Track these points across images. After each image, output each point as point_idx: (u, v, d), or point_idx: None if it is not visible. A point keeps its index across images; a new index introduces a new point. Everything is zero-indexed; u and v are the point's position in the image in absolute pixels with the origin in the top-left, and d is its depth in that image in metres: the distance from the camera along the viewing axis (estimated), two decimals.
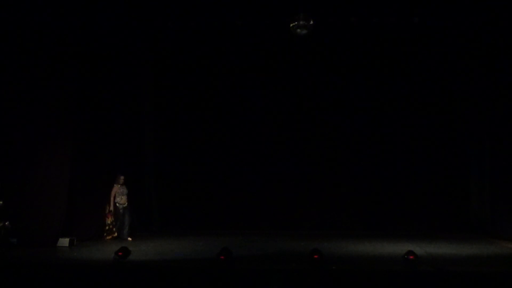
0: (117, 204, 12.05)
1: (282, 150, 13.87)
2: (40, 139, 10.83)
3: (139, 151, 13.51)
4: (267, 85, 13.90)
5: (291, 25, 11.46)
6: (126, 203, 12.13)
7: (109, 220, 12.13)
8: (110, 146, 12.48)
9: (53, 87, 10.97)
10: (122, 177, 12.13)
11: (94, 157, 11.93)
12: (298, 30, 11.48)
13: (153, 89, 14.10)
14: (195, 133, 14.05)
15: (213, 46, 13.73)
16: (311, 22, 11.21)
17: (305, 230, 13.16)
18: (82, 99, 11.54)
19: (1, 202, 10.04)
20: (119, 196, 12.07)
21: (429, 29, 13.03)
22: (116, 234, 12.12)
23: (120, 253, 8.73)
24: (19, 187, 10.55)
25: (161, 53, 14.01)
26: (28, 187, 10.61)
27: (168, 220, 13.66)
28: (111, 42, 12.30)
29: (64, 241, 10.68)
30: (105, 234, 12.02)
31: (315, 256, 8.53)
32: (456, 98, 13.49)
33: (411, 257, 8.49)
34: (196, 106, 14.07)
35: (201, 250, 10.46)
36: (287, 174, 13.77)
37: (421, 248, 10.17)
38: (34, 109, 10.82)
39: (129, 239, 11.82)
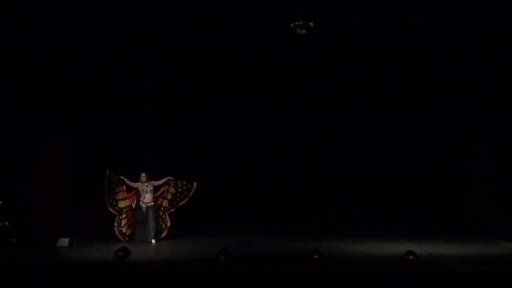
0: (140, 203, 11.75)
1: (282, 150, 13.89)
2: (40, 139, 10.82)
3: (138, 151, 13.50)
4: (266, 85, 13.91)
5: (291, 25, 11.49)
6: (151, 202, 11.77)
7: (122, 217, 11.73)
8: (110, 146, 12.48)
9: (52, 87, 10.96)
10: (142, 174, 11.81)
11: (94, 157, 11.92)
12: (298, 30, 11.50)
13: (153, 89, 14.11)
14: (195, 133, 14.07)
15: (213, 46, 13.75)
16: (311, 22, 11.22)
17: (305, 230, 13.16)
18: (82, 99, 11.53)
19: (1, 202, 10.03)
20: (143, 194, 11.73)
21: (430, 29, 13.04)
22: (124, 237, 11.61)
23: (120, 253, 8.73)
24: (19, 187, 10.54)
25: (162, 52, 14.00)
26: (28, 187, 10.60)
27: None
28: (111, 41, 12.28)
29: (64, 241, 10.67)
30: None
31: (315, 256, 8.54)
32: (456, 98, 13.50)
33: (411, 257, 8.49)
34: (196, 106, 14.09)
35: (201, 250, 10.46)
36: (287, 174, 13.79)
37: (420, 248, 10.18)
38: (34, 109, 10.81)
39: (153, 241, 11.51)
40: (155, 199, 11.88)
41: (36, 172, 10.73)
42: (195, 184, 12.13)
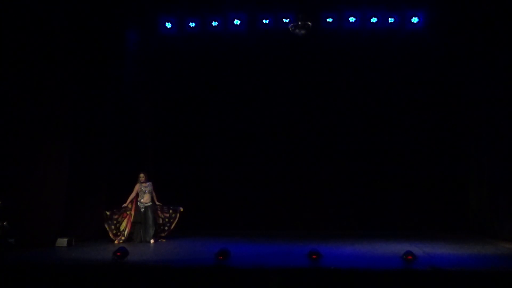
0: (138, 204, 11.71)
1: (281, 150, 13.90)
2: (39, 139, 10.82)
3: (138, 152, 13.48)
4: (265, 85, 13.92)
5: (290, 25, 11.50)
6: (150, 202, 11.73)
7: (123, 223, 11.65)
8: (109, 147, 12.46)
9: (52, 87, 10.96)
10: (141, 175, 11.78)
11: (93, 157, 11.90)
12: (297, 30, 11.51)
13: (152, 89, 14.10)
14: (194, 134, 14.07)
15: (212, 47, 13.75)
16: (310, 22, 11.25)
17: (304, 230, 13.15)
18: (81, 99, 11.53)
19: (0, 202, 10.02)
20: (141, 195, 11.71)
21: (427, 29, 13.07)
22: (124, 237, 11.54)
23: (118, 254, 8.71)
24: (18, 187, 10.53)
25: (161, 52, 14.01)
26: (26, 187, 10.59)
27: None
28: (109, 41, 12.28)
29: (63, 241, 10.67)
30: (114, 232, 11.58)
31: (314, 256, 8.54)
32: (455, 98, 13.50)
33: (410, 257, 8.50)
34: (195, 106, 14.09)
35: (200, 250, 10.45)
36: (286, 174, 13.80)
37: (419, 249, 10.18)
38: (33, 108, 10.80)
39: (152, 241, 11.47)
40: (153, 201, 11.86)
41: (34, 173, 10.73)
42: (179, 213, 11.85)
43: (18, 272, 8.32)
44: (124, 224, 11.68)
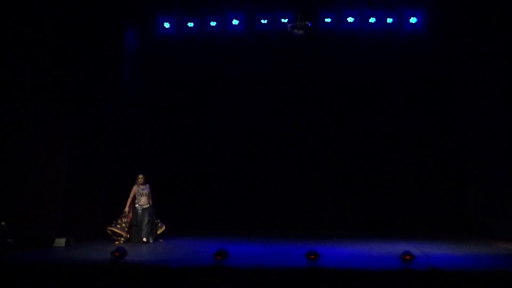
0: (136, 205, 11.64)
1: (280, 150, 13.87)
2: (38, 139, 10.80)
3: (136, 152, 13.47)
4: (264, 85, 13.90)
5: (288, 25, 11.51)
6: (147, 204, 11.66)
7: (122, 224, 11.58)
8: (107, 147, 12.45)
9: (51, 87, 10.95)
10: (140, 176, 11.69)
11: (91, 158, 11.89)
12: (295, 30, 11.52)
13: (151, 89, 14.08)
14: (193, 133, 14.05)
15: (210, 47, 13.75)
16: (308, 22, 11.26)
17: (303, 230, 13.14)
18: (80, 99, 11.52)
19: None
20: (138, 197, 11.65)
21: (425, 29, 13.08)
22: (123, 238, 11.50)
23: (116, 254, 8.71)
24: (16, 187, 10.52)
25: (160, 52, 13.99)
26: (25, 187, 10.57)
27: (165, 221, 13.60)
28: (108, 41, 12.27)
29: (61, 241, 10.65)
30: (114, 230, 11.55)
31: (312, 257, 8.55)
32: (454, 98, 13.51)
33: (408, 257, 8.52)
34: (194, 107, 14.07)
35: (198, 250, 10.44)
36: (284, 174, 13.77)
37: (418, 249, 10.18)
38: (32, 109, 10.79)
39: (144, 239, 11.39)
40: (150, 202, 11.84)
41: (33, 173, 10.72)
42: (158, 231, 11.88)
43: (17, 272, 8.32)
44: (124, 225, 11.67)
